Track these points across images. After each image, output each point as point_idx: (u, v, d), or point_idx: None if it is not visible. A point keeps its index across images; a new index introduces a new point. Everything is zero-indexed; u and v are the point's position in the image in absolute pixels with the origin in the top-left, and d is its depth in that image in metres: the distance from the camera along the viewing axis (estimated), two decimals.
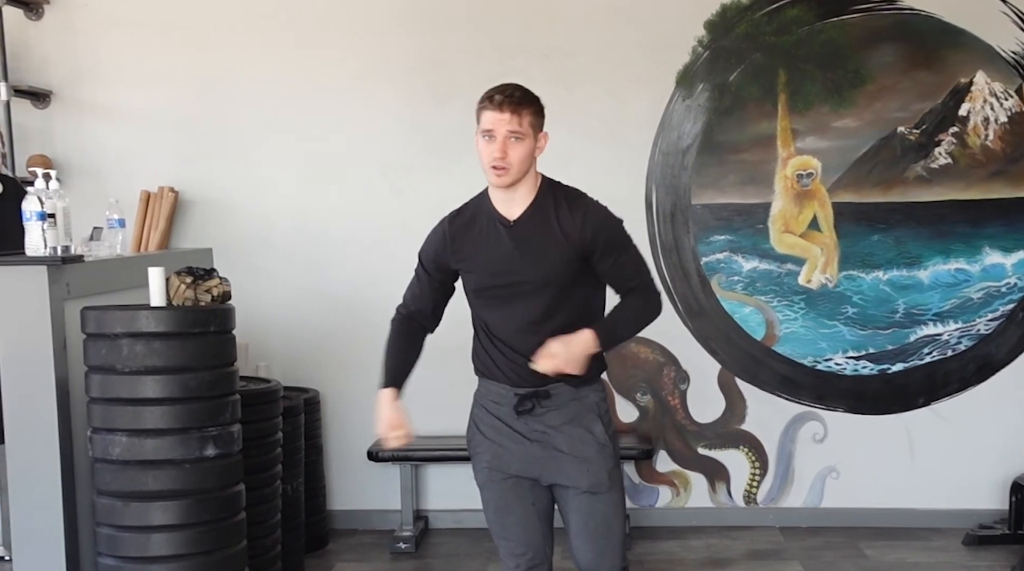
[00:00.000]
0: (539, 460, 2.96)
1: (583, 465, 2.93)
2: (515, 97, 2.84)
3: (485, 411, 3.03)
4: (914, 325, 5.21)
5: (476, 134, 2.89)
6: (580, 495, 2.95)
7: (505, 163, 2.83)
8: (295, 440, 4.61)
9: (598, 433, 2.97)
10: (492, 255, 2.92)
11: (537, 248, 2.89)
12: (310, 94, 5.24)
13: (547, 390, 2.93)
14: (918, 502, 5.24)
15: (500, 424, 2.99)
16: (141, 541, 3.43)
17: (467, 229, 2.97)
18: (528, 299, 2.90)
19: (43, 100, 5.25)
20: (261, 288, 5.21)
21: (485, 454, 3.02)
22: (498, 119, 2.82)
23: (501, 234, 2.92)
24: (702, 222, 5.23)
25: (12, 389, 3.57)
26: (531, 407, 2.93)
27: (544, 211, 2.91)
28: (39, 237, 3.58)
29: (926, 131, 5.15)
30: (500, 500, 3.02)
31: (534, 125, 2.87)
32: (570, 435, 2.94)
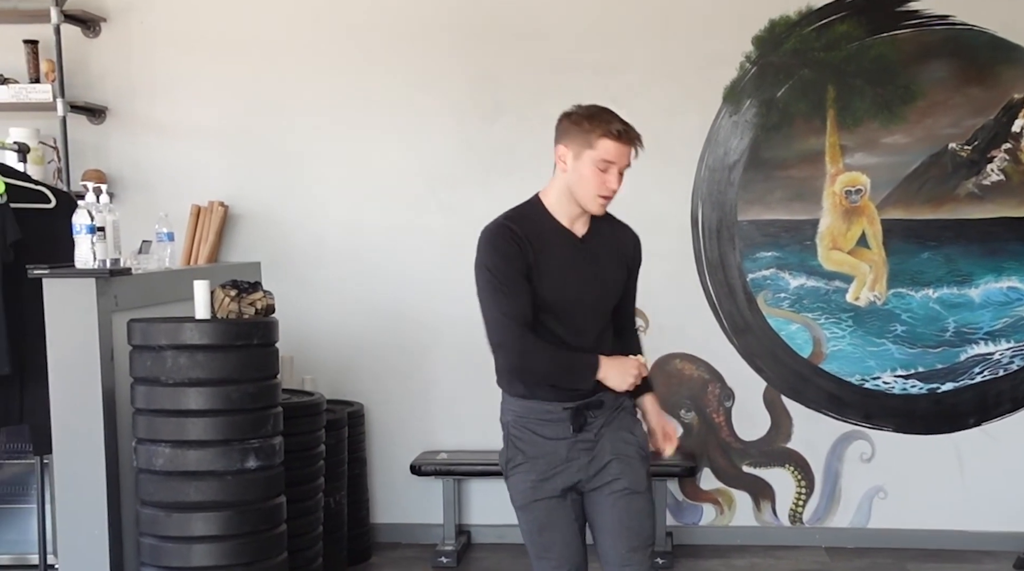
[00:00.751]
0: (585, 467, 2.96)
1: (626, 463, 2.98)
2: (637, 134, 2.88)
3: (529, 432, 2.96)
4: (965, 344, 5.13)
5: (568, 151, 2.87)
6: (618, 493, 2.96)
7: (614, 195, 2.91)
8: (338, 453, 4.65)
9: (639, 433, 3.05)
10: (567, 267, 2.92)
11: (605, 265, 2.99)
12: (359, 109, 5.29)
13: (599, 399, 2.95)
14: (968, 524, 5.15)
15: (545, 441, 2.95)
16: (183, 551, 3.48)
17: (537, 236, 2.89)
18: (591, 313, 2.97)
19: (99, 116, 5.36)
20: (309, 302, 5.26)
21: (530, 473, 2.97)
22: (622, 153, 2.86)
23: (577, 250, 2.95)
24: (748, 238, 5.20)
25: (60, 399, 3.64)
26: (585, 420, 2.93)
27: (602, 231, 2.99)
28: (88, 250, 3.65)
29: (978, 147, 5.08)
30: (544, 519, 2.99)
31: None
32: (613, 439, 2.98)
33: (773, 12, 5.12)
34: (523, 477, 2.99)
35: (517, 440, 3.00)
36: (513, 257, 2.85)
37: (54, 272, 3.61)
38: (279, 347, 3.72)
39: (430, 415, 5.32)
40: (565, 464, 2.95)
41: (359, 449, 5.08)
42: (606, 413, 2.98)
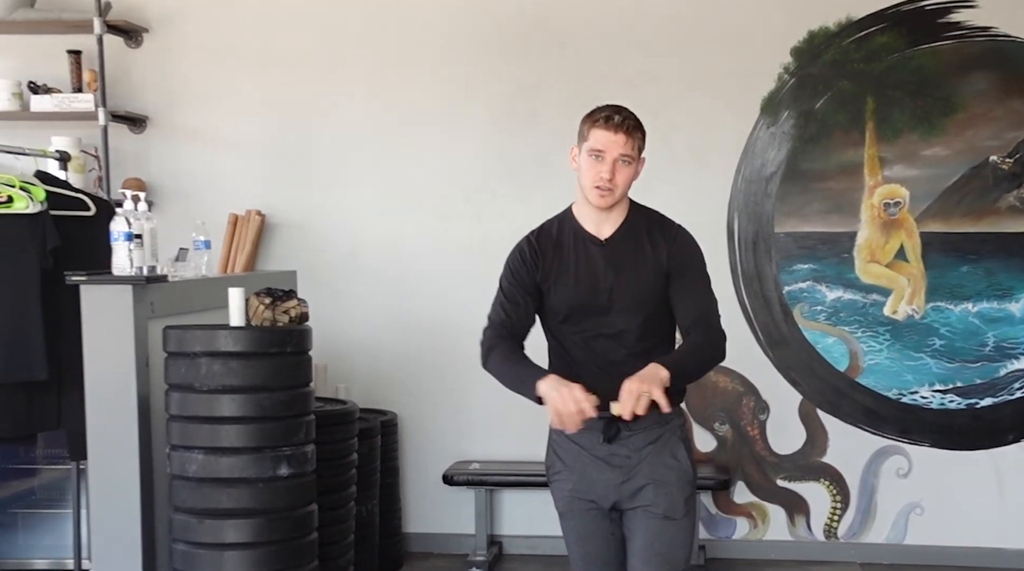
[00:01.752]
0: (619, 486, 2.90)
1: (662, 489, 2.88)
2: (631, 120, 2.84)
3: (565, 438, 2.94)
4: (1005, 359, 5.06)
5: (577, 149, 2.88)
6: (653, 518, 2.89)
7: (611, 185, 2.82)
8: (371, 462, 4.65)
9: (681, 458, 2.92)
10: (584, 274, 2.88)
11: (631, 268, 2.87)
12: (395, 120, 5.32)
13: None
14: (1007, 542, 5.08)
15: (581, 451, 2.93)
16: (215, 558, 3.49)
17: (554, 247, 2.93)
18: (619, 319, 2.87)
19: (139, 125, 5.42)
20: (344, 311, 5.29)
21: (566, 482, 2.97)
22: (612, 141, 2.81)
23: (593, 252, 2.89)
24: (785, 251, 5.17)
25: (96, 405, 3.66)
26: (617, 430, 2.86)
27: (635, 232, 2.91)
28: (125, 257, 3.68)
29: (1019, 160, 5.01)
30: (582, 529, 2.98)
31: (640, 149, 2.88)
32: (653, 461, 2.89)
33: (812, 23, 5.09)
34: (562, 485, 2.99)
35: (556, 447, 3.00)
36: (517, 272, 2.94)
37: (91, 279, 3.64)
38: (312, 355, 3.74)
39: (463, 425, 5.32)
40: (598, 477, 2.91)
41: (391, 458, 5.09)
42: (643, 429, 2.86)
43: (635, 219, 2.93)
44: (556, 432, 2.97)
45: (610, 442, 2.88)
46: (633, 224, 2.92)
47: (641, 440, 2.89)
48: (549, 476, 3.03)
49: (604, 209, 2.88)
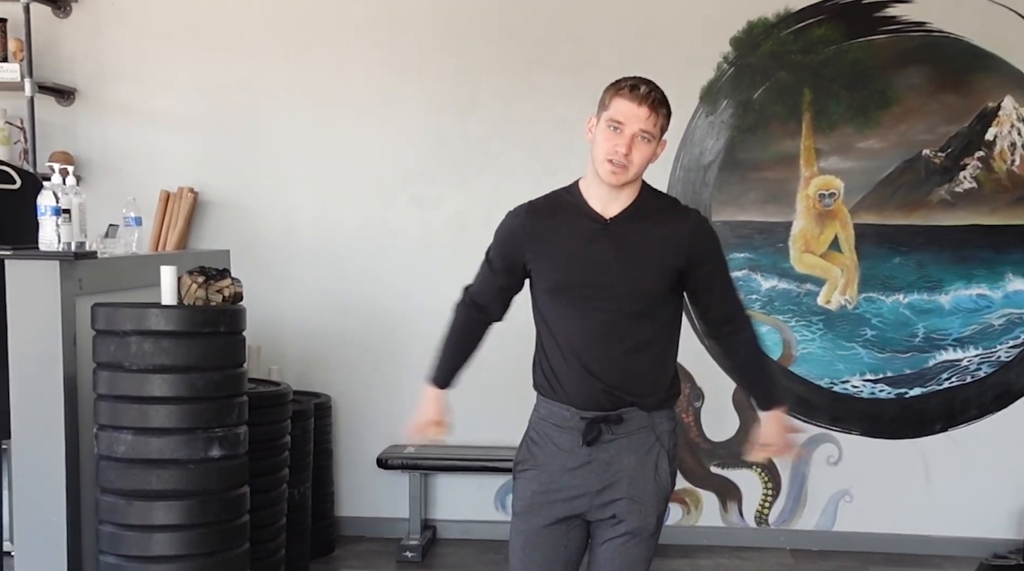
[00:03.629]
0: (591, 495, 2.71)
1: (636, 506, 2.70)
2: (657, 94, 2.63)
3: (544, 436, 2.76)
4: (933, 350, 5.15)
5: (595, 119, 2.67)
6: (619, 536, 2.71)
7: (626, 161, 2.59)
8: (304, 444, 4.59)
9: (662, 472, 2.72)
10: (580, 252, 2.66)
11: (635, 252, 2.64)
12: (333, 101, 5.25)
13: (619, 414, 2.67)
14: (932, 529, 5.17)
15: (557, 451, 2.73)
16: (143, 540, 3.42)
17: (551, 218, 2.72)
18: (613, 305, 2.66)
19: (67, 97, 5.28)
20: (278, 291, 5.22)
21: (532, 482, 2.76)
22: (635, 113, 2.59)
23: (595, 231, 2.66)
24: (722, 239, 5.07)
25: (20, 383, 3.56)
26: (599, 433, 2.67)
27: (645, 214, 2.68)
28: (53, 232, 3.58)
29: (951, 154, 5.09)
30: (531, 536, 2.77)
31: (663, 129, 2.67)
32: (633, 473, 2.69)
33: (751, 13, 5.11)
34: (527, 484, 2.78)
35: (532, 443, 2.79)
36: (504, 239, 2.79)
37: (17, 253, 3.54)
38: (246, 336, 3.67)
39: (398, 409, 5.23)
40: (571, 482, 2.71)
41: (325, 441, 5.03)
42: (628, 434, 2.69)
43: (646, 201, 2.71)
44: (535, 428, 2.80)
45: (590, 444, 2.68)
46: (643, 206, 2.69)
47: (623, 446, 2.70)
48: (516, 471, 2.82)
49: (615, 187, 2.64)
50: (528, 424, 2.83)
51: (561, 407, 2.72)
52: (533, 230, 2.73)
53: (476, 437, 5.07)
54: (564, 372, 2.70)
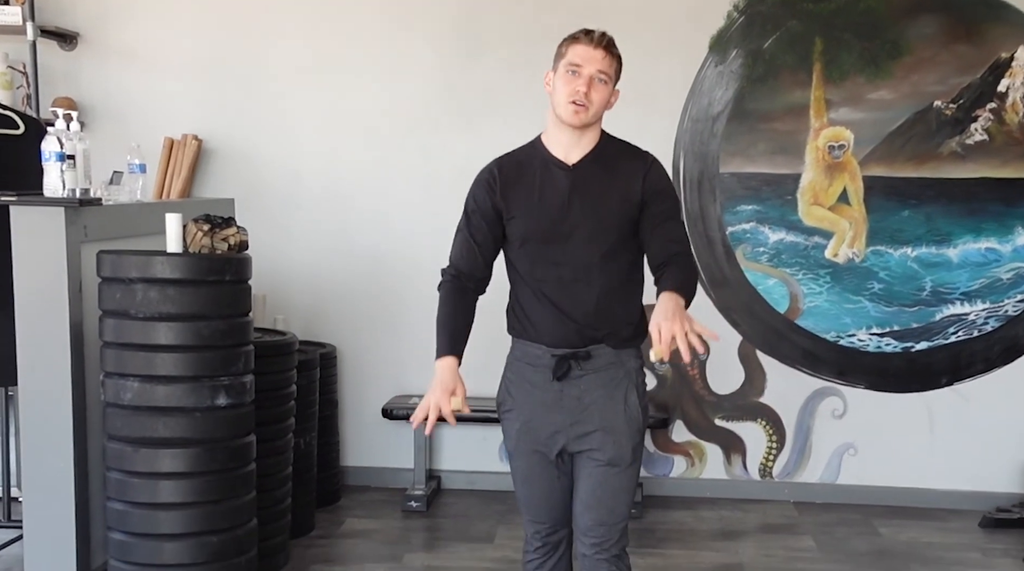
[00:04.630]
0: (568, 427, 2.85)
1: (610, 437, 2.83)
2: (610, 39, 2.80)
3: (518, 375, 2.92)
4: (941, 304, 5.13)
5: (552, 73, 2.82)
6: (598, 466, 2.85)
7: (587, 101, 2.74)
8: (310, 394, 4.59)
9: (631, 404, 2.86)
10: (546, 199, 2.80)
11: (597, 194, 2.79)
12: (341, 49, 5.18)
13: (588, 351, 2.82)
14: (936, 482, 5.18)
15: (531, 389, 2.88)
16: (150, 487, 3.44)
17: (518, 172, 2.86)
18: (580, 248, 2.80)
19: (70, 42, 5.21)
20: (283, 241, 5.19)
21: (515, 421, 2.92)
22: (591, 55, 2.75)
23: (558, 177, 2.81)
24: (729, 191, 5.15)
25: (26, 330, 3.56)
26: (568, 369, 2.82)
27: (605, 158, 2.82)
28: (57, 178, 3.56)
29: (963, 106, 5.03)
30: (527, 470, 2.95)
31: (617, 74, 2.82)
32: (603, 406, 2.84)
33: None
34: (511, 424, 2.94)
35: (509, 383, 2.95)
36: (480, 199, 2.89)
37: (22, 199, 3.52)
38: (252, 285, 3.66)
39: (403, 359, 5.26)
40: (546, 418, 2.86)
41: (331, 391, 5.03)
42: (596, 370, 2.83)
43: (606, 146, 2.85)
44: (510, 369, 2.95)
45: (560, 380, 2.83)
46: (603, 151, 2.84)
47: (592, 381, 2.84)
48: (500, 413, 2.98)
49: (577, 129, 2.79)
50: (504, 367, 2.97)
51: (533, 346, 2.87)
52: (504, 183, 2.86)
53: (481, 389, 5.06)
54: (536, 313, 2.85)
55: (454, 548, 4.56)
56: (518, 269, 2.89)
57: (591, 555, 2.92)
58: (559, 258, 2.81)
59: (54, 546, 3.62)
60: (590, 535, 2.90)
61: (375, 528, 4.78)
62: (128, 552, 3.46)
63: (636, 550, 4.19)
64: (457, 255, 2.94)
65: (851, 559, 4.52)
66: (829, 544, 4.68)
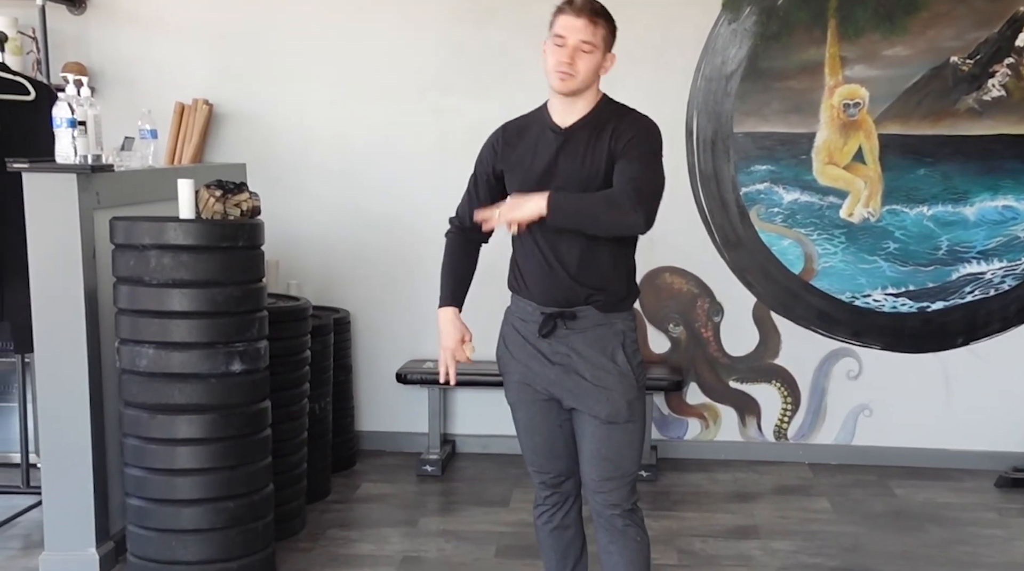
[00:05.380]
0: (560, 383, 2.92)
1: (603, 394, 2.89)
2: (594, 6, 2.81)
3: (513, 329, 3.00)
4: (957, 263, 5.09)
5: (546, 40, 2.85)
6: (597, 423, 2.90)
7: (571, 70, 2.79)
8: (324, 359, 4.60)
9: (620, 362, 2.90)
10: (538, 159, 2.89)
11: (580, 156, 2.85)
12: (351, 10, 5.14)
13: (573, 312, 2.88)
14: (951, 443, 5.17)
15: (525, 343, 2.96)
16: (167, 453, 3.45)
17: (518, 135, 2.96)
18: None
19: (79, 6, 5.18)
20: (295, 206, 5.18)
21: (514, 373, 3.01)
22: (573, 25, 2.78)
23: (549, 139, 2.89)
24: (743, 151, 5.11)
25: (41, 297, 3.57)
26: (553, 327, 2.89)
27: (598, 123, 2.86)
28: (69, 145, 3.55)
29: (980, 62, 4.97)
30: (528, 420, 3.02)
31: (606, 40, 2.83)
32: (592, 361, 2.89)
33: None
34: (510, 376, 3.03)
35: (506, 337, 3.04)
36: (484, 161, 3.03)
37: (34, 166, 3.51)
38: (264, 250, 3.65)
39: (417, 323, 5.26)
40: (540, 370, 2.94)
41: (345, 356, 5.04)
42: (583, 330, 2.89)
43: (601, 111, 2.90)
44: (506, 323, 3.05)
45: (545, 337, 2.90)
46: (598, 116, 2.89)
47: (580, 340, 2.90)
48: (500, 367, 3.08)
49: (567, 95, 2.85)
50: (502, 322, 3.07)
51: (526, 302, 2.95)
52: (505, 144, 2.97)
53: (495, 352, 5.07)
54: (529, 272, 2.93)
55: (469, 512, 4.57)
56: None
57: (604, 512, 2.97)
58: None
59: (73, 512, 3.65)
60: (600, 491, 2.95)
61: (390, 492, 4.80)
62: (146, 517, 3.49)
63: (651, 512, 4.20)
64: (461, 211, 3.09)
65: (866, 520, 4.52)
66: (844, 505, 4.68)
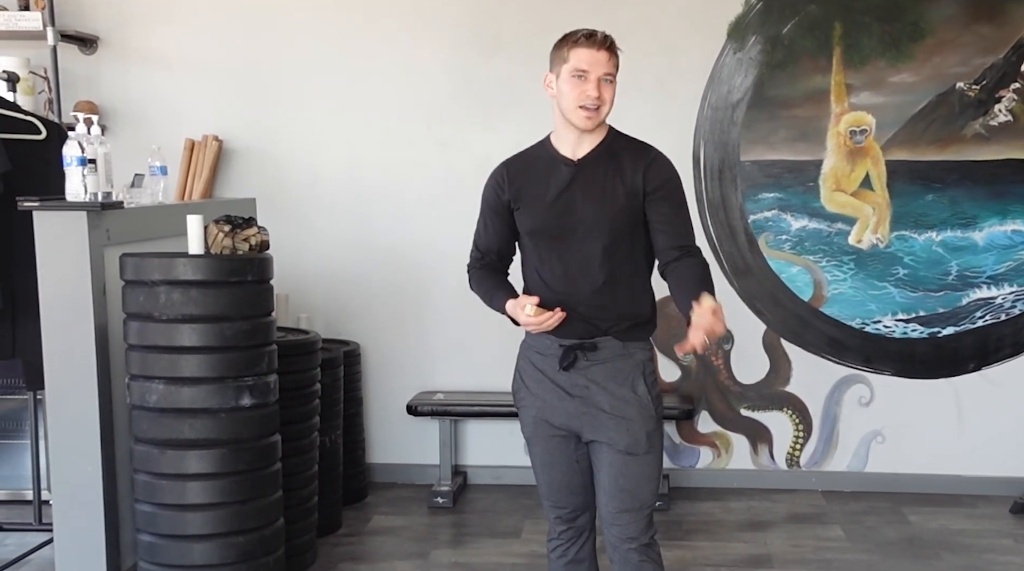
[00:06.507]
0: (579, 416, 2.91)
1: (623, 424, 2.87)
2: (611, 39, 2.83)
3: (530, 363, 2.99)
4: (967, 288, 5.08)
5: (552, 75, 2.85)
6: (616, 454, 2.89)
7: (598, 102, 2.79)
8: (334, 392, 4.61)
9: (641, 393, 2.90)
10: (551, 193, 2.87)
11: (599, 188, 2.84)
12: (357, 43, 5.18)
13: (594, 343, 2.87)
14: (965, 469, 5.14)
15: (543, 377, 2.94)
16: (178, 488, 3.45)
17: (526, 170, 2.94)
18: (584, 241, 2.85)
19: (90, 45, 5.24)
20: (304, 239, 5.21)
21: (531, 408, 2.99)
22: (596, 59, 2.78)
23: (562, 173, 2.87)
24: (751, 179, 5.12)
25: (52, 334, 3.58)
26: (574, 359, 2.88)
27: (610, 154, 2.87)
28: (79, 182, 3.58)
29: (986, 87, 4.98)
30: (545, 455, 3.01)
31: (618, 69, 2.86)
32: (612, 392, 2.88)
33: None
34: (527, 411, 3.01)
35: (522, 371, 3.03)
36: (489, 198, 3.00)
37: (44, 205, 3.53)
38: (274, 284, 3.66)
39: (427, 355, 5.27)
40: (558, 404, 2.92)
41: (355, 389, 5.04)
42: (603, 361, 2.88)
43: (611, 142, 2.90)
44: (522, 357, 3.03)
45: (566, 370, 2.89)
46: (609, 147, 2.89)
47: (599, 371, 2.89)
48: (516, 402, 3.06)
49: (587, 131, 2.84)
50: (517, 356, 3.06)
51: (543, 336, 2.90)
52: (511, 180, 2.94)
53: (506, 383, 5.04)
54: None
55: (481, 543, 4.56)
56: (529, 261, 2.98)
57: (620, 546, 2.94)
58: (564, 251, 2.88)
59: (84, 549, 3.65)
60: (616, 524, 2.93)
61: (402, 525, 4.79)
62: (157, 554, 3.48)
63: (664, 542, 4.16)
64: (479, 242, 3.07)
65: (880, 548, 4.49)
66: (858, 533, 4.65)
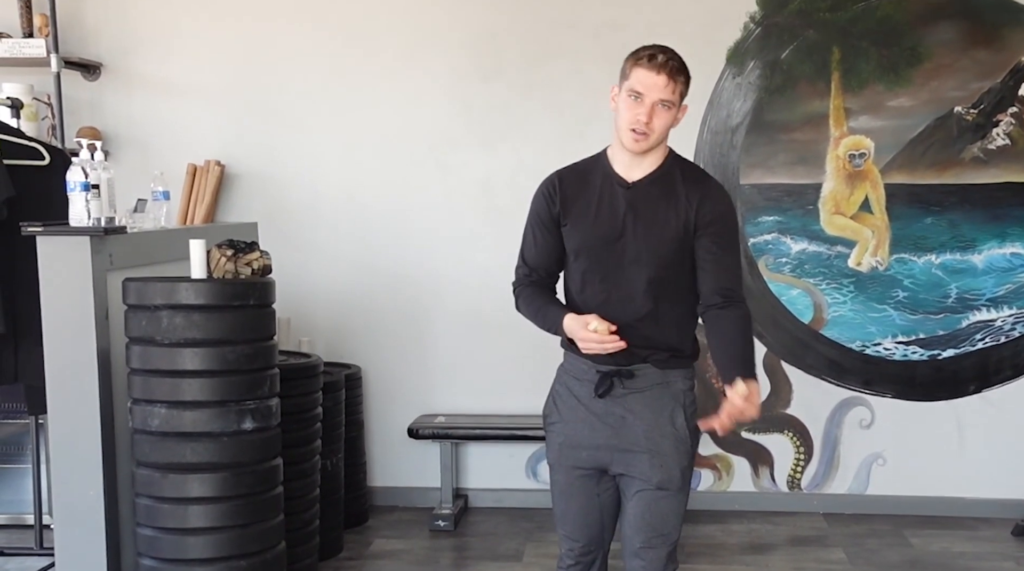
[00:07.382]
0: (611, 449, 2.83)
1: (656, 460, 2.79)
2: (675, 63, 2.72)
3: (566, 388, 2.92)
4: (967, 310, 5.09)
5: (617, 88, 2.76)
6: (647, 489, 2.81)
7: (648, 129, 2.70)
8: (335, 416, 4.61)
9: (679, 426, 2.81)
10: (603, 214, 2.78)
11: (652, 214, 2.75)
12: (358, 69, 5.22)
13: (631, 370, 2.79)
14: (966, 491, 5.14)
15: (577, 404, 2.87)
16: (179, 512, 3.45)
17: (579, 186, 2.84)
18: (630, 269, 2.78)
19: (93, 72, 5.28)
20: (306, 263, 5.23)
21: (558, 435, 2.92)
22: (654, 83, 2.68)
23: (617, 194, 2.78)
24: (750, 202, 5.15)
25: (55, 359, 3.59)
26: (610, 385, 2.80)
27: (666, 180, 2.78)
28: (82, 208, 3.60)
29: (984, 111, 5.01)
30: (566, 484, 2.93)
31: (683, 95, 2.76)
32: (649, 425, 2.79)
33: None
34: (555, 437, 2.94)
35: (556, 396, 2.96)
36: (540, 209, 2.88)
37: (48, 230, 3.55)
38: (276, 308, 3.68)
39: (428, 378, 5.28)
40: (590, 434, 2.84)
41: (356, 412, 5.05)
42: (640, 390, 2.80)
43: (670, 168, 2.81)
44: (559, 381, 2.96)
45: (602, 396, 2.82)
46: (666, 172, 2.80)
47: (637, 400, 2.81)
48: (545, 426, 2.99)
49: (638, 154, 2.76)
50: (554, 379, 2.99)
51: (580, 361, 2.84)
52: (563, 193, 2.84)
53: (506, 406, 5.09)
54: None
55: (482, 567, 4.56)
56: (570, 285, 2.91)
57: None
58: (607, 276, 2.80)
59: None
60: (638, 557, 2.88)
61: (403, 548, 4.79)
62: None
63: None
64: (528, 257, 2.94)
65: (882, 570, 4.49)
66: (860, 555, 4.65)
